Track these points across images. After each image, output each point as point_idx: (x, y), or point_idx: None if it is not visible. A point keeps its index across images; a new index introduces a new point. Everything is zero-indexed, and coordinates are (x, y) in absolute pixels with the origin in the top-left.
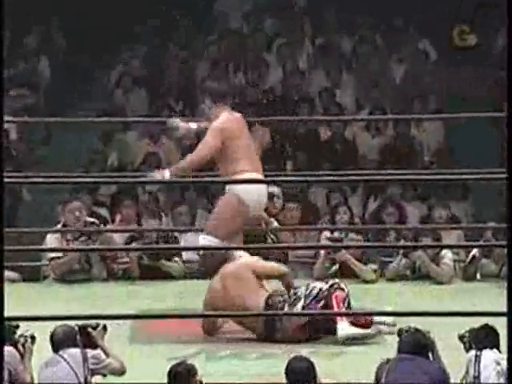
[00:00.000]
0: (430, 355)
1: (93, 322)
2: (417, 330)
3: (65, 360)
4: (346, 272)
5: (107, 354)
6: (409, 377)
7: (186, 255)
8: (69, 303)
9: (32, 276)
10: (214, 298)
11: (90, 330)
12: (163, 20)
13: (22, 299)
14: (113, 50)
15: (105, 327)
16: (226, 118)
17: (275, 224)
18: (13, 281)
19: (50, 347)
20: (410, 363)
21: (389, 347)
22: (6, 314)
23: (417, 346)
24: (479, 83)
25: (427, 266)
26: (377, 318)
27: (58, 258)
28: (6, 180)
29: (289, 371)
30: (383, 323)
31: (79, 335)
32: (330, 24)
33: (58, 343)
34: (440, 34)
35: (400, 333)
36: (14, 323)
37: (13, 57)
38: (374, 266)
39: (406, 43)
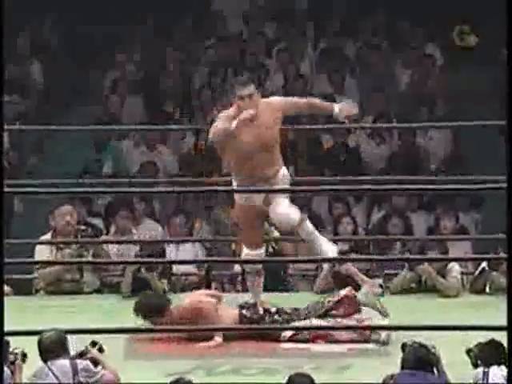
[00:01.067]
0: (435, 370)
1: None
2: (421, 346)
3: (53, 373)
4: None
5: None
6: None
7: (177, 268)
8: (61, 316)
9: (24, 289)
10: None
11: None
12: (160, 23)
13: (14, 313)
14: (107, 54)
15: (100, 348)
16: None
17: (276, 234)
18: (6, 294)
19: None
20: (413, 379)
21: (392, 363)
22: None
23: (420, 361)
24: (489, 87)
25: (433, 279)
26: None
27: (44, 267)
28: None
29: None
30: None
31: (83, 354)
32: (333, 28)
33: (46, 352)
34: (447, 37)
35: (404, 347)
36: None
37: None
38: (380, 281)
39: (412, 47)
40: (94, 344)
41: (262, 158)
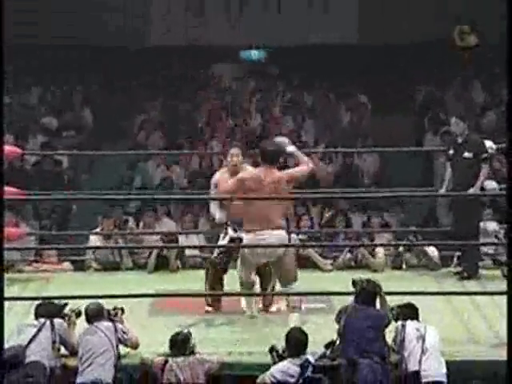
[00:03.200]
0: (378, 299)
1: (118, 304)
2: (367, 281)
3: (101, 330)
4: (309, 264)
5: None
6: (359, 322)
7: (187, 252)
8: (105, 287)
9: (80, 266)
10: None
11: (114, 311)
12: (174, 80)
13: (73, 284)
14: (137, 103)
15: (122, 310)
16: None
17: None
18: (67, 271)
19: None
20: (362, 311)
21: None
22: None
23: (368, 295)
24: (402, 127)
25: (367, 259)
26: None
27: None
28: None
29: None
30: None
31: (110, 314)
32: (296, 85)
33: (92, 316)
34: (375, 90)
35: (354, 283)
36: (62, 302)
37: (62, 108)
38: (329, 261)
39: (351, 97)
40: (116, 308)
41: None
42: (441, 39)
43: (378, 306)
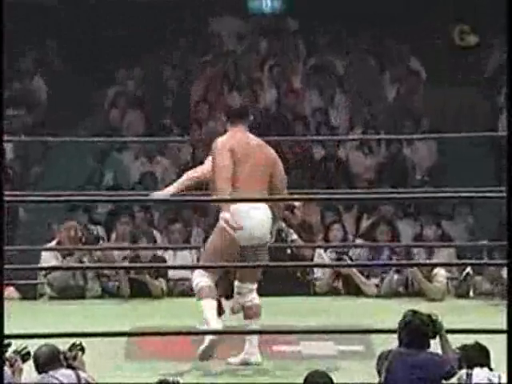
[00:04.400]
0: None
1: (77, 341)
2: (415, 312)
3: (59, 381)
4: (348, 288)
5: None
6: (405, 372)
7: (175, 273)
8: (64, 321)
9: (29, 294)
10: None
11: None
12: (158, 41)
13: (19, 317)
14: (108, 71)
15: (82, 349)
16: (230, 138)
17: (294, 237)
18: (12, 298)
19: None
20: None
21: None
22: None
23: (417, 333)
24: (467, 105)
25: (420, 283)
26: None
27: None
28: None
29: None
30: None
31: (67, 358)
32: (323, 46)
33: (44, 363)
34: (430, 53)
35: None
36: (5, 341)
37: (8, 77)
38: (376, 281)
39: (399, 63)
40: (75, 345)
41: None
42: None
43: (436, 348)
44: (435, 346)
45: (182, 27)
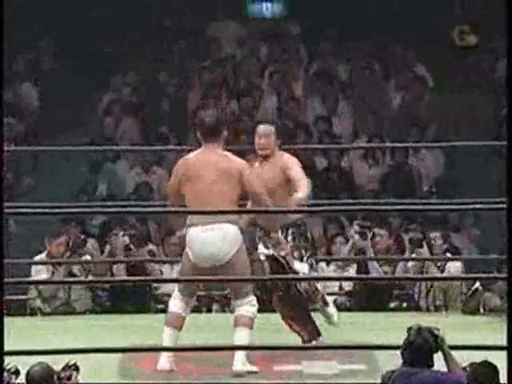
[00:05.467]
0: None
1: (71, 361)
2: (419, 329)
3: None
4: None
5: None
6: None
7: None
8: (54, 337)
9: (19, 310)
10: None
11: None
12: (155, 46)
13: (8, 333)
14: (103, 77)
15: (77, 368)
16: (181, 160)
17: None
18: None
19: None
20: (413, 376)
21: None
22: None
23: (421, 350)
24: (477, 110)
25: None
26: None
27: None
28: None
29: None
30: None
31: (61, 379)
32: (326, 51)
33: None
34: (436, 59)
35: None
36: None
37: None
38: None
39: (403, 69)
40: (69, 366)
41: None
42: None
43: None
44: (439, 362)
45: (180, 31)
